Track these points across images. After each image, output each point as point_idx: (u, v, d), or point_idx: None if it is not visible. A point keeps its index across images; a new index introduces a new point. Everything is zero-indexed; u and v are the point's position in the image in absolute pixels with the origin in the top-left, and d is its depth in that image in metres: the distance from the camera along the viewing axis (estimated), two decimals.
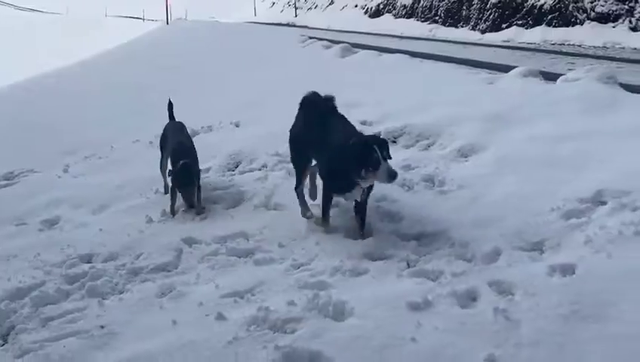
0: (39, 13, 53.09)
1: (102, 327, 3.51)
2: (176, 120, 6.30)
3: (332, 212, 4.61)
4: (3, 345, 3.56)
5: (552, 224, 3.90)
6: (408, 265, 3.80)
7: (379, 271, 3.77)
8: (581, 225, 3.82)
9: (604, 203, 4.05)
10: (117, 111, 9.67)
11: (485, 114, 5.91)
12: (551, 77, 7.18)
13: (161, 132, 6.15)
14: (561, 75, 6.98)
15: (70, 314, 3.73)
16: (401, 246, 4.05)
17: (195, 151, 5.63)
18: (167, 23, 26.28)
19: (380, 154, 3.96)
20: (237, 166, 6.30)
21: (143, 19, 34.67)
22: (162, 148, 5.98)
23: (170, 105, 6.34)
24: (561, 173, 4.55)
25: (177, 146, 5.57)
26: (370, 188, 4.29)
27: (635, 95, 6.27)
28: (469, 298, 3.28)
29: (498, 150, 5.19)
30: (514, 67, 7.68)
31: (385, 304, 3.31)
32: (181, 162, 5.27)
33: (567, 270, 3.37)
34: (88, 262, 4.49)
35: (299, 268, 3.95)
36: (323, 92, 5.19)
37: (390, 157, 4.07)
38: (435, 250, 3.91)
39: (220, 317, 3.39)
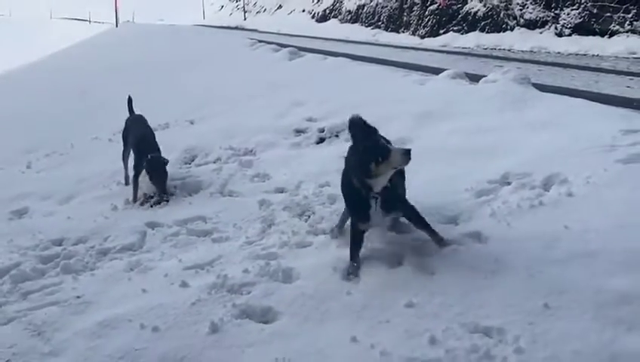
0: None
1: (78, 297, 3.97)
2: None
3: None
4: None
5: (466, 201, 4.58)
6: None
7: (321, 244, 4.38)
8: (489, 201, 4.50)
9: (508, 183, 4.75)
10: (71, 111, 9.92)
11: (415, 111, 6.56)
12: (476, 78, 7.88)
13: (123, 125, 6.60)
14: (485, 76, 7.74)
15: (47, 288, 4.16)
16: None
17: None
18: (117, 26, 26.25)
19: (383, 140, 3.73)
20: (193, 159, 6.81)
21: (90, 22, 34.31)
22: (125, 140, 6.45)
23: (130, 101, 6.80)
24: (475, 160, 5.24)
25: (142, 138, 6.09)
26: (400, 204, 3.95)
27: (544, 93, 7.05)
28: (395, 261, 3.93)
29: (425, 142, 5.85)
30: (445, 70, 8.38)
31: (326, 268, 3.92)
32: (152, 155, 5.80)
33: (475, 236, 4.06)
34: (59, 245, 4.92)
35: (251, 243, 4.51)
36: (269, 91, 5.80)
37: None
38: None
39: (184, 284, 3.92)
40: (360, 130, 3.84)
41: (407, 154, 3.61)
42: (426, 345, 3.06)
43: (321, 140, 6.73)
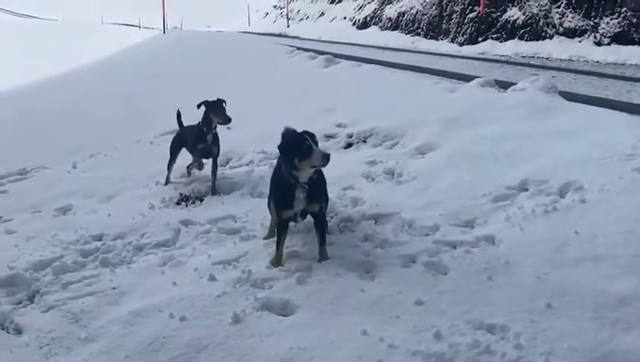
0: (36, 20, 53.47)
1: (114, 288, 4.25)
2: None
3: None
4: (30, 303, 4.32)
5: (483, 206, 4.77)
6: (366, 239, 4.65)
7: (340, 243, 4.62)
8: (505, 206, 4.68)
9: (526, 189, 4.92)
10: (117, 114, 10.31)
11: (442, 118, 6.73)
12: (507, 86, 7.97)
13: (174, 137, 6.84)
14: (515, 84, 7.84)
15: (86, 280, 4.43)
16: (361, 225, 4.91)
17: None
18: (164, 32, 26.93)
19: (310, 141, 4.26)
20: (228, 162, 7.10)
21: (139, 27, 35.19)
22: (174, 152, 6.71)
23: (179, 115, 6.95)
24: (496, 167, 5.41)
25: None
26: (321, 198, 4.41)
27: (570, 102, 7.14)
28: (409, 260, 4.14)
29: (449, 148, 6.03)
30: (478, 77, 8.50)
31: (343, 266, 4.16)
32: None
33: (488, 240, 4.25)
34: (99, 240, 5.19)
35: None
36: (303, 97, 6.04)
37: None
38: (387, 226, 4.76)
39: (212, 278, 4.19)
40: (290, 137, 4.50)
41: (325, 157, 4.19)
42: (431, 339, 3.27)
43: (349, 145, 6.95)
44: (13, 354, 3.63)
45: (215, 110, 6.26)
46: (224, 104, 6.33)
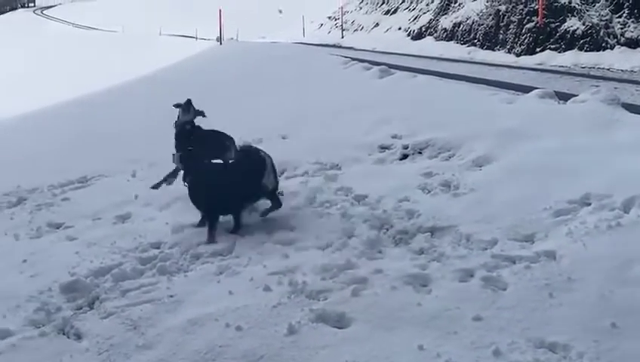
0: (96, 31, 55.15)
1: (171, 296, 4.29)
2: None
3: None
4: (90, 309, 4.43)
5: (543, 220, 4.66)
6: (422, 252, 4.61)
7: (396, 256, 4.59)
8: (566, 221, 4.57)
9: (588, 204, 4.78)
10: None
11: (500, 130, 6.61)
12: (567, 98, 7.79)
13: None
14: (576, 96, 7.66)
15: (144, 287, 4.50)
16: (417, 237, 4.86)
17: None
18: (220, 44, 27.40)
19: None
20: (283, 172, 7.12)
21: (196, 39, 35.88)
22: None
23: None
24: (557, 180, 5.27)
25: None
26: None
27: (633, 115, 6.92)
28: (467, 274, 4.08)
29: (507, 161, 5.92)
30: (536, 88, 8.35)
31: (399, 279, 4.13)
32: None
33: (549, 255, 4.14)
34: (157, 248, 5.26)
35: (331, 253, 4.77)
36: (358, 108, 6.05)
37: None
38: (444, 240, 4.71)
39: (267, 288, 4.20)
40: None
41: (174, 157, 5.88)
42: (490, 356, 3.21)
43: (405, 157, 6.90)
44: (73, 359, 3.71)
45: None
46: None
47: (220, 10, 27.53)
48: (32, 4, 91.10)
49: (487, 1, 17.90)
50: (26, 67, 39.64)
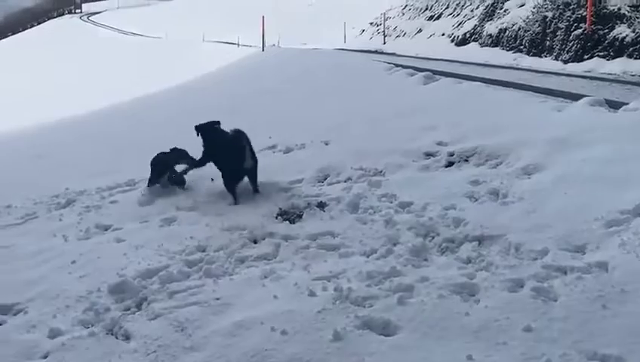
0: (140, 37, 56.12)
1: (217, 299, 4.33)
2: None
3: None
4: (138, 311, 4.49)
5: (595, 231, 4.54)
6: (470, 261, 4.54)
7: (442, 264, 4.54)
8: (619, 231, 4.44)
9: None
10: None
11: (549, 138, 6.47)
12: (618, 106, 7.62)
13: None
14: (627, 104, 7.48)
15: (191, 289, 4.55)
16: (464, 246, 4.80)
17: None
18: (263, 50, 27.59)
19: None
20: (326, 178, 7.11)
21: (238, 45, 36.22)
22: None
23: None
24: (608, 190, 5.14)
25: None
26: None
27: None
28: (516, 284, 4.00)
29: (557, 169, 5.79)
30: (585, 96, 8.18)
31: (446, 288, 4.07)
32: None
33: (601, 266, 4.04)
34: (203, 251, 5.32)
35: (376, 260, 4.74)
36: (402, 115, 6.01)
37: None
38: (492, 249, 4.63)
39: (312, 293, 4.20)
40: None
41: None
42: None
43: (450, 164, 6.82)
44: (121, 360, 3.77)
45: None
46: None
47: (263, 18, 27.73)
48: (79, 11, 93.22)
49: (534, 8, 17.65)
50: (74, 72, 40.62)
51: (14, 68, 50.34)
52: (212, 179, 7.35)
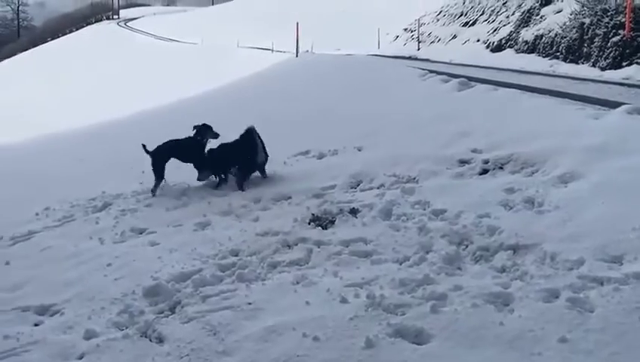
0: (176, 43, 56.77)
1: (249, 304, 4.36)
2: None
3: None
4: (172, 314, 4.53)
5: (633, 241, 4.44)
6: (504, 270, 4.49)
7: (476, 273, 4.50)
8: None
9: None
10: None
11: (586, 146, 6.35)
12: None
13: None
14: None
15: (224, 294, 4.59)
16: (498, 255, 4.75)
17: None
18: (297, 56, 27.70)
19: None
20: (358, 184, 7.11)
21: (272, 51, 36.43)
22: None
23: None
24: None
25: None
26: None
27: None
28: (551, 294, 3.94)
29: (594, 178, 5.67)
30: (624, 104, 8.02)
31: (480, 297, 4.03)
32: None
33: (639, 277, 3.96)
34: (236, 255, 5.38)
35: (409, 267, 4.72)
36: (436, 121, 5.95)
37: None
38: (527, 258, 4.57)
39: (344, 300, 4.20)
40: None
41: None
42: None
43: (485, 171, 6.74)
44: None
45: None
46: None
47: (297, 24, 27.84)
48: (116, 16, 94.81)
49: (571, 14, 17.37)
50: (111, 77, 41.31)
51: (53, 72, 51.39)
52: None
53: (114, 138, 15.36)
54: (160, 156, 8.18)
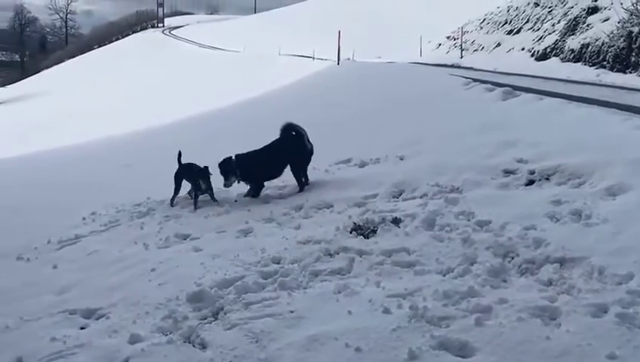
0: (219, 51, 57.49)
1: (291, 312, 4.36)
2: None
3: None
4: (215, 320, 4.56)
5: None
6: (550, 283, 4.41)
7: (522, 286, 4.43)
8: None
9: None
10: None
11: (635, 158, 6.15)
12: None
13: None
14: None
15: (266, 301, 4.60)
16: (545, 268, 4.66)
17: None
18: (338, 64, 27.76)
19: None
20: (401, 194, 7.06)
21: (313, 58, 36.60)
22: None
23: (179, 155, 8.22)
24: None
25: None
26: None
27: None
28: (600, 309, 3.85)
29: None
30: None
31: (526, 311, 3.97)
32: None
33: None
34: (278, 263, 5.39)
35: (453, 279, 4.66)
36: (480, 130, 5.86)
37: None
38: (574, 271, 4.47)
39: (386, 311, 4.17)
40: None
41: None
42: None
43: (531, 182, 6.62)
44: None
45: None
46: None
47: (340, 32, 27.90)
48: (161, 25, 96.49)
49: (619, 22, 17.03)
50: (157, 84, 42.05)
51: (99, 79, 52.55)
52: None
53: (158, 144, 15.60)
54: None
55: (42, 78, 73.83)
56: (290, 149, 8.07)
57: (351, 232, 6.03)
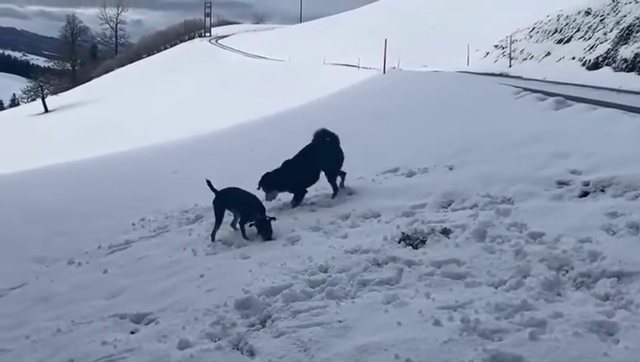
0: (265, 60, 58.07)
1: (340, 321, 4.32)
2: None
3: None
4: (262, 327, 4.55)
5: None
6: (607, 298, 4.27)
7: (578, 300, 4.30)
8: None
9: None
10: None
11: None
12: None
13: None
14: None
15: (314, 310, 4.58)
16: (601, 282, 4.51)
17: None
18: (384, 73, 27.71)
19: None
20: (450, 204, 6.95)
21: (358, 67, 36.62)
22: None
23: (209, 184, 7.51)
24: None
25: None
26: None
27: None
28: None
29: None
30: None
31: (582, 325, 3.85)
32: None
33: None
34: (325, 272, 5.36)
35: (505, 291, 4.55)
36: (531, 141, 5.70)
37: None
38: (632, 286, 4.32)
39: (437, 323, 4.10)
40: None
41: None
42: None
43: (585, 194, 6.44)
44: None
45: None
46: None
47: (386, 41, 27.84)
48: (208, 34, 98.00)
49: None
50: (205, 92, 42.67)
51: (149, 88, 53.60)
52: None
53: (206, 151, 15.79)
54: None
55: (93, 86, 75.77)
56: (326, 154, 8.09)
57: (399, 242, 5.96)
